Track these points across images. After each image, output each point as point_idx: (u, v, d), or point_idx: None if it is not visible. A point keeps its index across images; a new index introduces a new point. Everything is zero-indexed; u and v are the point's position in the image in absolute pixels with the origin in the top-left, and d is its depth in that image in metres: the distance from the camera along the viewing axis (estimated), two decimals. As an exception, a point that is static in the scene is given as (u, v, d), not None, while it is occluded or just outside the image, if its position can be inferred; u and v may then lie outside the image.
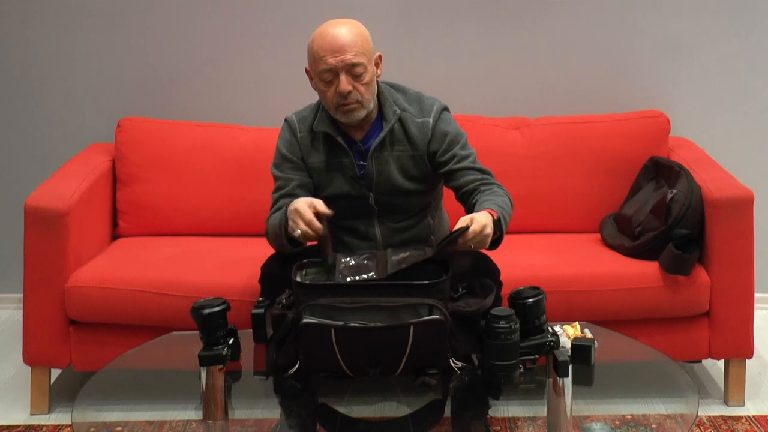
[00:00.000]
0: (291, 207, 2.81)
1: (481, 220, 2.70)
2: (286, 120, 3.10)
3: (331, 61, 2.88)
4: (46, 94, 4.02)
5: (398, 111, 3.00)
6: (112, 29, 3.95)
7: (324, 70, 2.90)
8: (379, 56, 2.99)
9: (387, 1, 3.87)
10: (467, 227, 2.67)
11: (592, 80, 3.97)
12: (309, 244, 2.90)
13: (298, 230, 2.76)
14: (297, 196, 2.97)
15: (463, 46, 3.96)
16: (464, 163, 3.01)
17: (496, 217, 2.77)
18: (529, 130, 3.76)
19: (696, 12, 3.93)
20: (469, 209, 2.92)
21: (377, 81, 3.00)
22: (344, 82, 2.89)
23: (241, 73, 3.98)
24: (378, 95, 3.00)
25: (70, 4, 3.94)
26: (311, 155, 3.03)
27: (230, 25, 3.96)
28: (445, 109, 3.06)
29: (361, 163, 3.02)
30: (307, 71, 3.01)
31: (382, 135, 2.99)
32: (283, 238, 2.87)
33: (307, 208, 2.77)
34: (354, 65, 2.89)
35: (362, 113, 2.95)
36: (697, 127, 3.95)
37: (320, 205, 2.78)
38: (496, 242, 2.80)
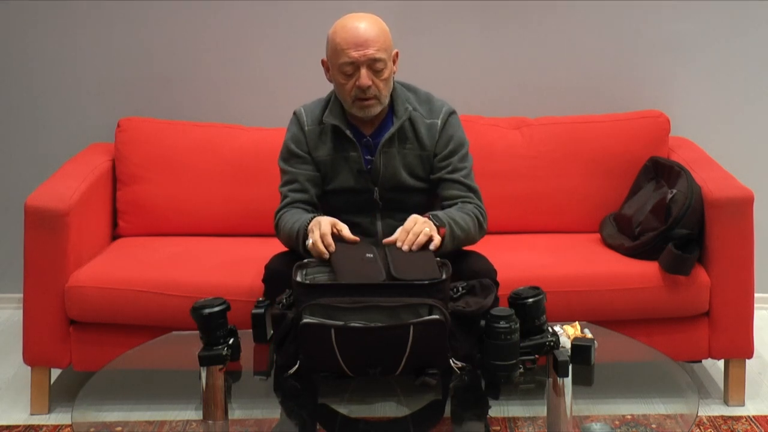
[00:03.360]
0: (315, 219, 2.86)
1: (414, 216, 2.85)
2: (294, 113, 3.12)
3: (354, 54, 2.91)
4: (46, 94, 4.02)
5: (410, 108, 3.02)
6: (112, 29, 3.96)
7: (345, 63, 2.92)
8: (396, 53, 3.01)
9: (387, 1, 3.87)
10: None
11: (592, 80, 3.97)
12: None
13: (309, 241, 2.80)
14: (307, 191, 3.03)
15: (464, 46, 3.96)
16: (456, 176, 3.04)
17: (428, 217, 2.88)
18: (529, 130, 3.76)
19: (696, 12, 3.93)
20: None
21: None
22: (365, 77, 2.91)
23: (241, 73, 3.98)
24: (391, 92, 3.02)
25: (70, 4, 3.94)
26: (318, 148, 3.05)
27: (230, 26, 3.96)
28: (454, 112, 3.08)
29: (368, 157, 3.04)
30: (323, 62, 3.03)
31: (392, 130, 3.01)
32: (300, 246, 2.91)
33: (328, 225, 2.81)
34: (376, 60, 2.92)
35: (378, 109, 2.98)
36: (697, 127, 3.95)
37: (345, 230, 2.83)
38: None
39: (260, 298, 2.74)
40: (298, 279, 2.68)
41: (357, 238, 2.84)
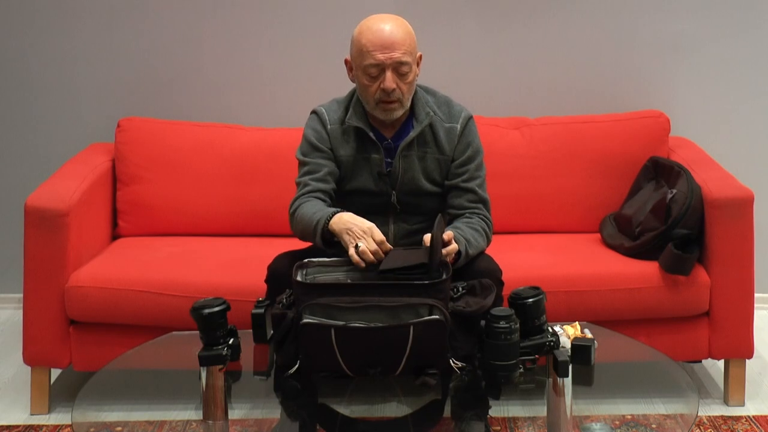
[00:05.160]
0: (357, 222, 2.79)
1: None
2: (314, 112, 3.10)
3: (380, 57, 2.90)
4: (46, 94, 4.02)
5: (431, 113, 3.01)
6: (112, 29, 3.95)
7: (371, 65, 2.92)
8: (420, 56, 3.00)
9: (387, 1, 3.87)
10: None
11: (592, 80, 3.97)
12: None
13: (361, 245, 2.73)
14: (329, 182, 3.01)
15: (464, 46, 3.96)
16: (470, 184, 3.05)
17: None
18: (529, 130, 3.76)
19: (696, 12, 3.93)
20: None
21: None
22: (390, 80, 2.91)
23: (241, 73, 3.98)
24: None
25: (70, 3, 3.94)
26: (341, 148, 3.04)
27: (230, 26, 3.95)
28: (472, 118, 3.09)
29: (388, 160, 3.03)
30: (346, 62, 3.02)
31: (413, 134, 3.01)
32: (316, 237, 2.87)
33: (380, 234, 2.77)
34: (402, 63, 2.91)
35: (400, 112, 2.98)
36: (697, 127, 3.95)
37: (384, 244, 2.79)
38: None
39: (260, 298, 2.74)
40: (298, 279, 2.68)
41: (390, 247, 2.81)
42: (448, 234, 2.81)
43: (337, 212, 2.86)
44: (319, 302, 2.57)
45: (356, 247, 2.73)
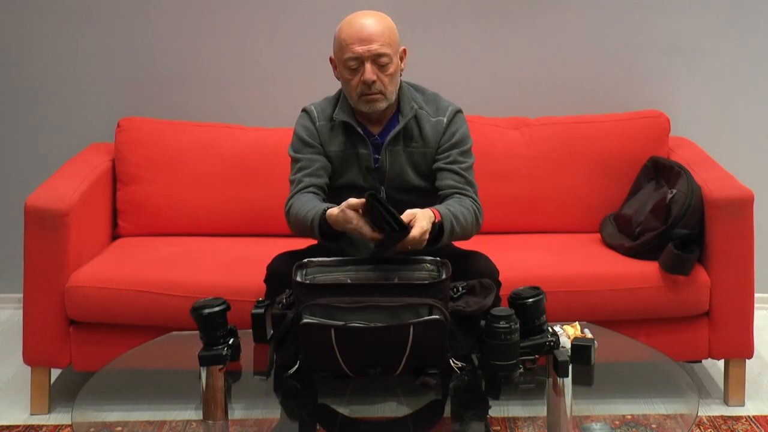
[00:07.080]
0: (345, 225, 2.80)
1: (422, 225, 2.75)
2: (304, 110, 3.12)
3: (358, 49, 2.92)
4: (46, 94, 4.02)
5: (415, 107, 3.02)
6: (112, 29, 3.95)
7: (350, 58, 2.93)
8: (404, 50, 3.02)
9: (387, 1, 3.87)
10: (407, 232, 2.70)
11: (592, 80, 3.97)
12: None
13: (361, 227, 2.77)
14: (321, 177, 3.03)
15: (463, 46, 3.96)
16: (455, 167, 3.04)
17: (437, 220, 2.82)
18: (529, 130, 3.76)
19: (696, 12, 3.93)
20: None
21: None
22: (369, 71, 2.92)
23: (241, 73, 3.98)
24: (398, 91, 3.02)
25: (71, 4, 3.94)
26: (330, 143, 3.05)
27: (230, 26, 3.96)
28: (460, 111, 3.09)
29: (376, 156, 3.04)
30: (331, 60, 3.04)
31: (397, 128, 3.02)
32: (315, 230, 2.88)
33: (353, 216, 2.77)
34: (380, 55, 2.92)
35: (384, 104, 2.98)
36: (697, 127, 3.95)
37: (353, 203, 2.77)
38: (435, 240, 2.84)
39: (260, 298, 2.74)
40: (298, 279, 2.68)
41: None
42: (409, 214, 2.78)
43: (328, 208, 2.86)
44: (319, 302, 2.57)
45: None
